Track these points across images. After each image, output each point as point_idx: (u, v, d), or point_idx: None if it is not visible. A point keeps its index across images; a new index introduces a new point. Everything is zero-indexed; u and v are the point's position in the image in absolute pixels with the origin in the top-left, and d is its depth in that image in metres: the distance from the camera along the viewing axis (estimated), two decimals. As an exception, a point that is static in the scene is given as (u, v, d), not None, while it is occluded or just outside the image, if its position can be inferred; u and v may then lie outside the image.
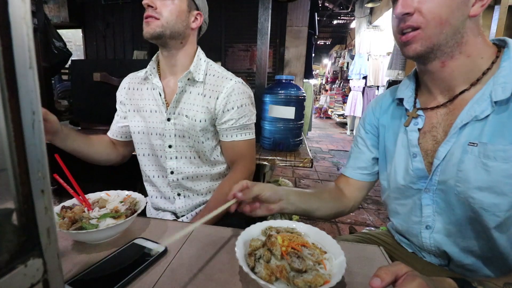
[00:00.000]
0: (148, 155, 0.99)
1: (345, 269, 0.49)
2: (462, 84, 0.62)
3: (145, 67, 0.97)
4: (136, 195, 0.74)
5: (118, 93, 1.04)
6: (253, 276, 0.46)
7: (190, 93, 0.91)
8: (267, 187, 0.68)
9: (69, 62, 2.20)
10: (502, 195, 0.55)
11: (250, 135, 0.96)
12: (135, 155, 1.39)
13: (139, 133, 0.97)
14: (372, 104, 0.84)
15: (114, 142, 1.06)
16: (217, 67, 0.96)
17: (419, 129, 0.68)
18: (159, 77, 0.94)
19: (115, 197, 0.74)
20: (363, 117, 0.85)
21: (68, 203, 0.70)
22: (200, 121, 0.90)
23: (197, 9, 0.90)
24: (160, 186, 0.99)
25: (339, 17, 8.06)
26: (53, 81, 2.58)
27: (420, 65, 0.66)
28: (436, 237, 0.67)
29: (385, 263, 0.61)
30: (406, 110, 0.71)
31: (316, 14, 2.79)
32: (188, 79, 0.90)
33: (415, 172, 0.67)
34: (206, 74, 0.92)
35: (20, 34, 0.20)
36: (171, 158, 0.94)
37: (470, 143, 0.58)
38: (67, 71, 2.83)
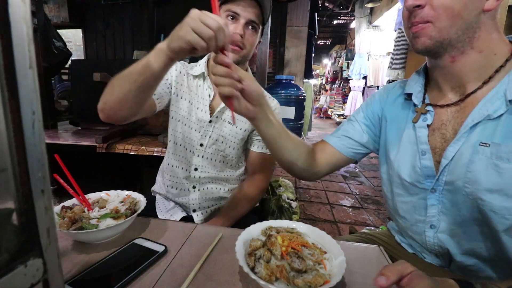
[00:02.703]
0: (176, 143, 1.00)
1: (345, 269, 0.49)
2: (473, 81, 0.60)
3: None
4: (136, 195, 0.74)
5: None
6: (253, 276, 0.46)
7: None
8: (255, 81, 0.62)
9: (69, 62, 2.20)
10: None
11: None
12: (135, 155, 1.39)
13: (178, 120, 0.98)
14: (381, 92, 0.81)
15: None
16: None
17: (428, 126, 0.66)
18: (211, 80, 0.96)
19: (115, 197, 0.74)
20: (368, 102, 0.82)
21: (68, 203, 0.70)
22: (245, 131, 0.97)
23: (261, 35, 0.97)
24: (179, 177, 1.00)
25: (339, 17, 8.06)
26: (53, 81, 2.58)
27: (431, 59, 0.65)
28: (441, 236, 0.65)
29: (385, 263, 0.61)
30: (415, 105, 0.69)
31: (316, 14, 2.79)
32: None
33: (423, 170, 0.65)
34: None
35: (20, 34, 0.20)
36: (198, 156, 0.96)
37: (482, 143, 0.56)
38: (67, 71, 2.82)
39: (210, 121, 0.94)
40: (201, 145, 0.95)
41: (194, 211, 0.99)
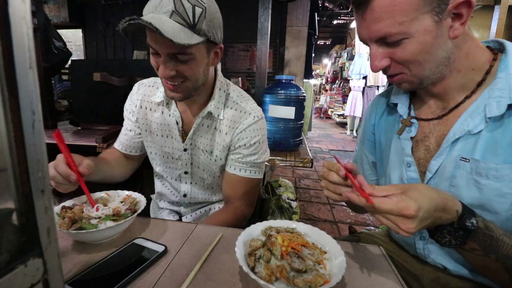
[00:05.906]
0: (162, 176, 0.97)
1: (345, 269, 0.49)
2: (456, 96, 0.61)
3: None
4: (136, 195, 0.74)
5: (128, 106, 0.93)
6: (253, 276, 0.46)
7: (208, 127, 0.86)
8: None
9: (69, 62, 2.20)
10: (495, 213, 0.54)
11: (256, 173, 0.88)
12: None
13: (156, 154, 0.93)
14: (368, 110, 0.82)
15: (126, 156, 0.98)
16: (235, 97, 0.87)
17: (411, 137, 0.66)
18: (176, 104, 0.86)
19: (115, 197, 0.74)
20: (363, 125, 0.83)
21: (68, 203, 0.70)
22: (216, 160, 0.87)
23: (217, 43, 0.75)
24: (168, 196, 0.99)
25: (339, 17, 8.06)
26: (53, 81, 2.58)
27: None
28: (430, 247, 0.66)
29: (385, 263, 0.61)
30: (400, 116, 0.69)
31: (316, 14, 2.79)
32: (206, 113, 0.83)
33: (409, 181, 0.66)
34: (224, 107, 0.85)
35: (20, 34, 0.20)
36: (185, 183, 0.93)
37: (462, 158, 0.57)
38: (67, 71, 2.83)
39: (185, 149, 0.87)
40: (186, 173, 0.91)
41: (186, 214, 0.99)
